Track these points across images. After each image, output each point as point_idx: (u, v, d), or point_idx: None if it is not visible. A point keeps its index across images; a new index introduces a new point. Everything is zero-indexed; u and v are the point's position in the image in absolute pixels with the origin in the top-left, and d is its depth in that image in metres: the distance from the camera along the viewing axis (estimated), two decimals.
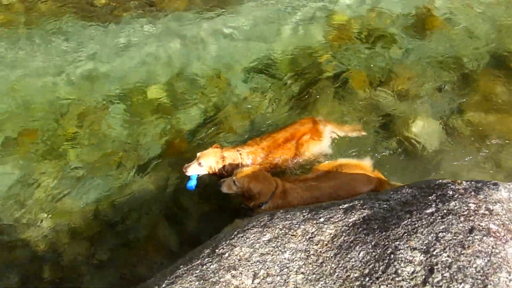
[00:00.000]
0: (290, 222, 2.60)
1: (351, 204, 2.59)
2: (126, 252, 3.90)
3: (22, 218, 4.08)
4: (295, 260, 2.40)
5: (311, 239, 2.47)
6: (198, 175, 3.88)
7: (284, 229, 2.57)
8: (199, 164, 3.80)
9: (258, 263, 2.44)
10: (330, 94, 4.85)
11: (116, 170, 4.45)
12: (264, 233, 2.58)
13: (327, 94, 4.85)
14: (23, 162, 4.52)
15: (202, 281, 2.40)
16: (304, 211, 2.67)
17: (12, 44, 5.57)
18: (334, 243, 2.40)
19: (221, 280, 2.39)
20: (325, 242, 2.43)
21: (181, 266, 2.57)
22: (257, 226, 2.65)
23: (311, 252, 2.41)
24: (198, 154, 3.85)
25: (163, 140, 4.66)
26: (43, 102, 5.03)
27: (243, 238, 2.59)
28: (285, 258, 2.43)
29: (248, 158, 3.95)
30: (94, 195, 4.27)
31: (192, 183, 3.87)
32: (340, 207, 2.61)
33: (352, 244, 2.35)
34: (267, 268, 2.40)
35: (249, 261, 2.46)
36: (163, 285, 2.46)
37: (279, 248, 2.48)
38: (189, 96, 5.03)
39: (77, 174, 4.43)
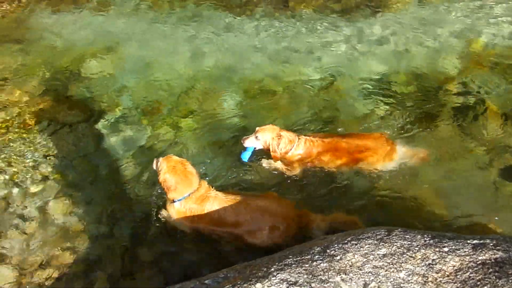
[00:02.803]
0: (409, 242, 2.53)
1: (481, 242, 2.43)
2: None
3: (141, 177, 4.44)
4: (411, 282, 2.33)
5: (431, 265, 2.38)
6: (255, 148, 4.07)
7: (402, 248, 2.50)
8: (256, 137, 4.01)
9: (370, 274, 2.41)
10: (453, 123, 4.56)
11: (226, 155, 4.63)
12: (380, 247, 2.54)
13: (450, 122, 4.58)
14: (147, 128, 4.98)
15: (311, 276, 2.45)
16: (425, 235, 2.57)
17: (152, 24, 6.19)
18: (458, 276, 2.28)
19: (330, 280, 2.41)
20: (447, 273, 2.32)
21: (290, 256, 2.65)
22: (372, 238, 2.62)
23: (430, 279, 2.32)
24: (257, 128, 4.06)
25: None
26: (171, 79, 5.49)
27: (356, 246, 2.58)
28: (399, 277, 2.37)
29: (305, 145, 4.02)
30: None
31: (247, 155, 4.05)
32: (468, 241, 2.46)
33: (479, 283, 2.21)
34: (379, 282, 2.36)
35: (361, 269, 2.44)
36: (272, 269, 2.55)
37: (395, 265, 2.42)
38: (302, 94, 5.13)
39: (186, 147, 4.69)
